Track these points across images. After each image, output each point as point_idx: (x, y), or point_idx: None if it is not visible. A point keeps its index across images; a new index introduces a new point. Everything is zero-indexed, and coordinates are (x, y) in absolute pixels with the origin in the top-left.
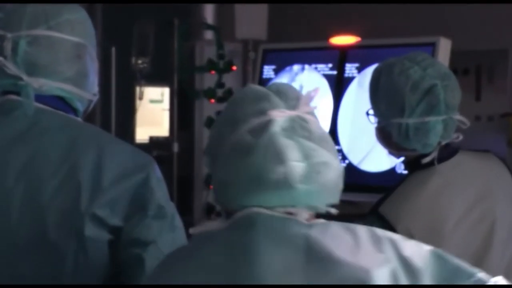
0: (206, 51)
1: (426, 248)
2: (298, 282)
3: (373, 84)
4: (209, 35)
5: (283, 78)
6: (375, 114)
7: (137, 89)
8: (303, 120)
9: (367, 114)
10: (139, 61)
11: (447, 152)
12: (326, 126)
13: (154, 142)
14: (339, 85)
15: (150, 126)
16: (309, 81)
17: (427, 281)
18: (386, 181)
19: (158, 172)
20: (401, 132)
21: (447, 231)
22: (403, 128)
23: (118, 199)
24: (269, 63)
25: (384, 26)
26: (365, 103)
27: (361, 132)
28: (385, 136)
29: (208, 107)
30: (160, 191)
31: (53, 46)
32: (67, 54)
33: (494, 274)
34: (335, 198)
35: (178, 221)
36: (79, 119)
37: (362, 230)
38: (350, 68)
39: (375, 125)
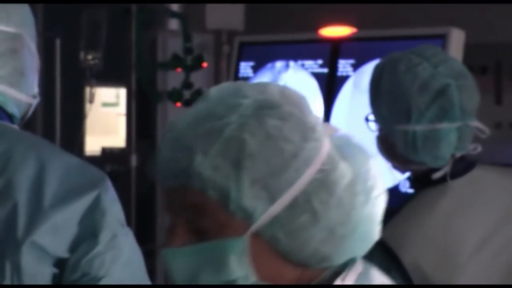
0: (171, 44)
1: None
2: None
3: (374, 84)
4: (173, 24)
5: (263, 77)
6: (376, 120)
7: (87, 90)
8: None
9: (366, 120)
10: (89, 56)
11: (462, 166)
12: None
13: (108, 154)
14: (330, 86)
15: (102, 135)
16: (295, 81)
17: None
18: (388, 202)
19: (112, 191)
20: (407, 142)
21: (462, 262)
22: (410, 136)
23: (62, 224)
24: (246, 59)
25: (384, 14)
26: (363, 107)
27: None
28: (388, 146)
29: (173, 112)
30: (114, 214)
31: None
32: (0, 48)
33: None
34: None
35: (136, 251)
36: (15, 126)
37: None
38: (344, 65)
39: (376, 133)
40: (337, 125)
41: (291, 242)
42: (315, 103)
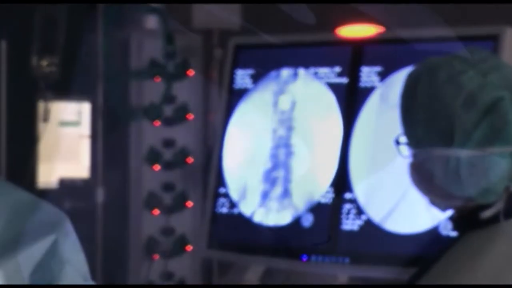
0: (148, 46)
1: None
2: None
3: (406, 98)
4: (152, 22)
5: (266, 89)
6: (409, 143)
7: (41, 105)
8: None
9: (397, 143)
10: (44, 63)
11: None
12: (331, 162)
13: (67, 187)
14: (351, 100)
15: (60, 162)
16: (305, 94)
17: None
18: (425, 248)
19: (73, 236)
20: (448, 171)
21: None
22: (452, 164)
23: (10, 277)
24: (244, 66)
25: (419, 10)
26: (393, 127)
27: (386, 172)
28: (425, 176)
29: (151, 133)
30: (75, 265)
31: None
32: None
33: None
34: None
35: None
36: None
37: None
38: (368, 74)
39: (409, 159)
40: (359, 150)
41: None
42: (331, 121)
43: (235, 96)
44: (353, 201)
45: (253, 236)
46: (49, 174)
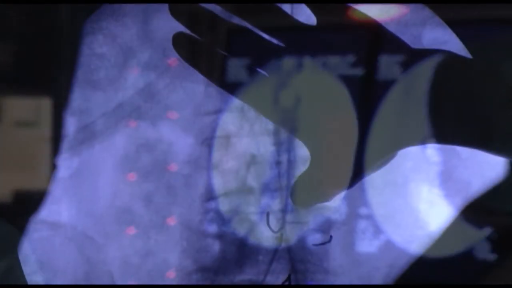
0: (121, 31)
1: None
2: None
3: (434, 93)
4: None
5: (264, 83)
6: (438, 147)
7: None
8: None
9: (423, 145)
10: None
11: None
12: (343, 170)
13: (24, 201)
14: (368, 95)
15: (15, 170)
16: (312, 89)
17: None
18: (457, 274)
19: (31, 259)
20: (486, 181)
21: None
22: (491, 172)
23: None
24: (237, 54)
25: None
26: (417, 127)
27: (410, 182)
28: (457, 187)
29: (126, 135)
30: None
31: None
32: None
33: None
34: None
35: None
36: None
37: None
38: (387, 64)
39: (438, 166)
40: (377, 155)
41: None
42: (343, 119)
43: (227, 91)
44: (370, 217)
45: (249, 260)
46: (1, 185)
